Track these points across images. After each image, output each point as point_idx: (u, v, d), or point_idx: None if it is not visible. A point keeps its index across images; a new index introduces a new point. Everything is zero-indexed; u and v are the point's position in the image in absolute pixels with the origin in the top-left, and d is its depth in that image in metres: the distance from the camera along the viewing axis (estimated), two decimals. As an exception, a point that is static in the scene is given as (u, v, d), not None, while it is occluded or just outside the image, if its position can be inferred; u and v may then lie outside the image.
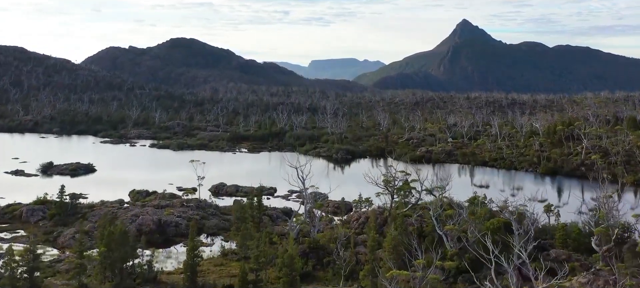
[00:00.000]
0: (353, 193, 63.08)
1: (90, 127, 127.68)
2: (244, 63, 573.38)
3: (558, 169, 78.23)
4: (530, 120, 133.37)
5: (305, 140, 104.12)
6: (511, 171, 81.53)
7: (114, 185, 67.04)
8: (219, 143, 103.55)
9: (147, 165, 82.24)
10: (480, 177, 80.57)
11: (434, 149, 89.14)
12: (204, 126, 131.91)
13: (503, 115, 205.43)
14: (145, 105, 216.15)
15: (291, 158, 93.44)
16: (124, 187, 64.76)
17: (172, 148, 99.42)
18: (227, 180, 68.83)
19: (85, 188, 64.96)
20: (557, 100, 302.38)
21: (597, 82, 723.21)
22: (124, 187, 64.76)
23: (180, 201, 52.29)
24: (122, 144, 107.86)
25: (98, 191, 63.29)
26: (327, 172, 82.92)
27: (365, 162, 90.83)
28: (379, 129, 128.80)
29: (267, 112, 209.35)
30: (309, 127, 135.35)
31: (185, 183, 65.81)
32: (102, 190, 63.72)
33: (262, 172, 77.86)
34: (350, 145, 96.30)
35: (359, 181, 70.40)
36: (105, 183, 68.82)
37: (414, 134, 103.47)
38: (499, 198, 49.84)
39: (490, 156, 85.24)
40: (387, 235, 37.98)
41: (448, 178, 49.17)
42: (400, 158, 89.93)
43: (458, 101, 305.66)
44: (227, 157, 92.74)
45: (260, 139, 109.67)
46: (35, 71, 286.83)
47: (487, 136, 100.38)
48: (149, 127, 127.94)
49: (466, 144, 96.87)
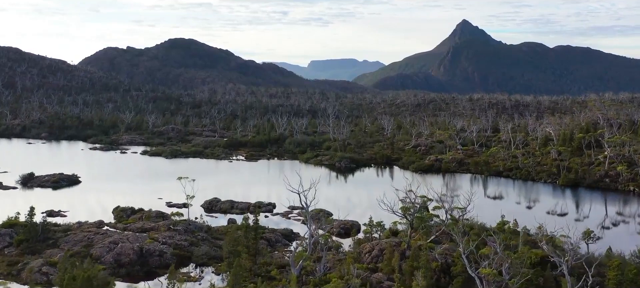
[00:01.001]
0: (359, 209, 57.55)
1: (80, 132, 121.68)
2: (242, 63, 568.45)
3: (579, 181, 72.41)
4: (542, 125, 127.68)
5: (306, 146, 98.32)
6: (528, 182, 75.69)
7: (98, 200, 61.30)
8: (215, 150, 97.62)
9: (136, 176, 76.30)
10: (495, 188, 74.93)
11: (444, 158, 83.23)
12: (200, 131, 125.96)
13: (509, 119, 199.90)
14: (141, 108, 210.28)
15: (291, 167, 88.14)
16: (108, 202, 59.03)
17: (164, 156, 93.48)
18: (221, 193, 63.05)
19: (67, 202, 59.32)
20: (561, 102, 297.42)
21: (598, 83, 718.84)
22: (108, 202, 59.03)
23: (167, 224, 46.34)
24: (112, 151, 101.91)
25: (80, 207, 57.60)
26: (329, 180, 77.20)
27: (370, 171, 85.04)
28: (383, 134, 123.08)
29: (266, 114, 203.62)
30: (310, 131, 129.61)
31: (175, 198, 60.12)
32: (84, 206, 58.00)
33: (259, 184, 72.11)
34: (354, 153, 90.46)
35: (363, 195, 65.05)
36: (89, 198, 63.00)
37: (421, 140, 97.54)
38: (531, 222, 44.08)
39: (505, 166, 79.37)
40: (405, 270, 32.23)
41: (470, 199, 43.21)
42: (408, 168, 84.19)
43: (460, 103, 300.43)
44: (222, 166, 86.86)
45: (258, 145, 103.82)
46: (30, 72, 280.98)
47: (499, 144, 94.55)
48: (141, 131, 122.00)
49: (477, 151, 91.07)
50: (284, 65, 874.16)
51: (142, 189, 67.30)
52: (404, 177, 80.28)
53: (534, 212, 58.58)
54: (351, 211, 55.61)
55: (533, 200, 69.04)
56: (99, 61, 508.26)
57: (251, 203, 58.11)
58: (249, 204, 57.74)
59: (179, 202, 58.09)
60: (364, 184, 74.53)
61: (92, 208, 57.38)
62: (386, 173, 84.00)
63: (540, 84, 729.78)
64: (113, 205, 56.91)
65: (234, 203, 58.14)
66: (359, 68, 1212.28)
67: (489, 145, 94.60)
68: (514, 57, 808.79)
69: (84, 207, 58.04)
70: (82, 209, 56.85)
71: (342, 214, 52.79)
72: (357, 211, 56.33)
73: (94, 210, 56.40)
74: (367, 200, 62.22)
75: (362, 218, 50.88)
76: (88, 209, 56.89)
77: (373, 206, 51.03)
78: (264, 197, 62.42)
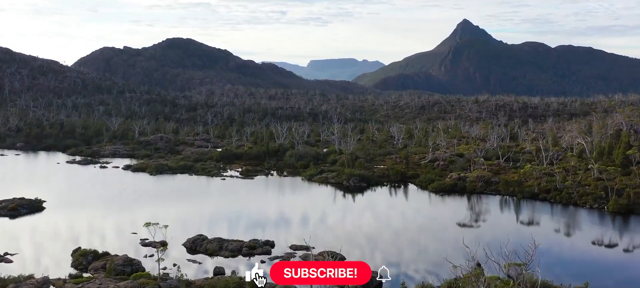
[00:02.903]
0: (387, 250, 46.38)
1: (59, 142, 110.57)
2: (241, 63, 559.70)
3: (633, 207, 61.50)
4: (570, 133, 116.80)
5: (309, 160, 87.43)
6: (569, 207, 64.73)
7: (57, 235, 50.47)
8: (206, 164, 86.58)
9: (112, 199, 65.24)
10: (529, 213, 64.17)
11: (469, 176, 72.26)
12: (192, 140, 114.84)
13: (523, 124, 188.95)
14: (134, 111, 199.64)
15: (293, 185, 77.31)
16: (70, 239, 48.30)
17: (149, 172, 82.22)
18: (208, 227, 52.23)
19: (18, 239, 48.52)
20: (569, 104, 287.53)
21: (601, 84, 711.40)
22: (70, 239, 48.30)
23: (132, 285, 35.35)
24: (92, 165, 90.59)
25: (32, 247, 46.81)
26: (336, 203, 66.40)
27: (384, 192, 74.08)
28: (394, 144, 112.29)
29: (265, 118, 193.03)
30: (313, 140, 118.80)
31: (154, 232, 49.26)
32: (38, 247, 47.16)
33: (256, 212, 61.20)
34: (363, 168, 79.56)
35: (385, 224, 53.44)
36: (48, 232, 52.09)
37: (439, 153, 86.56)
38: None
39: (540, 186, 68.42)
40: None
41: (533, 252, 32.25)
42: (426, 187, 73.31)
43: (466, 105, 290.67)
44: (214, 185, 75.79)
45: (255, 158, 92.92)
46: (20, 73, 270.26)
47: (523, 154, 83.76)
48: (127, 141, 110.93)
49: (503, 167, 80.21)
50: (284, 64, 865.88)
51: (115, 219, 56.37)
52: (423, 198, 69.63)
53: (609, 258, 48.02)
54: (380, 253, 44.94)
55: (572, 226, 58.58)
56: (95, 61, 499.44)
57: (244, 242, 47.23)
58: (241, 244, 46.86)
59: (156, 240, 47.20)
60: (382, 210, 63.49)
61: (49, 249, 46.53)
62: (402, 194, 73.14)
63: (543, 85, 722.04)
64: (75, 244, 46.16)
65: (223, 243, 47.19)
66: (358, 68, 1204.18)
67: (515, 159, 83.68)
68: (515, 57, 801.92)
69: (39, 247, 47.15)
70: (35, 250, 46.05)
71: (369, 259, 41.78)
72: (388, 253, 45.44)
73: (51, 251, 45.62)
74: (390, 235, 51.45)
75: (397, 265, 39.86)
76: (43, 250, 46.08)
77: (400, 245, 40.38)
78: (260, 230, 51.68)
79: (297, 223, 55.36)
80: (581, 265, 45.81)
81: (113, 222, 55.18)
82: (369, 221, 57.79)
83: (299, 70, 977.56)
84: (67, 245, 46.34)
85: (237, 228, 52.89)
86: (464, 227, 55.15)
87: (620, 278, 41.78)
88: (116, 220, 55.12)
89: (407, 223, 57.47)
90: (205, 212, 59.77)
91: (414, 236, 52.39)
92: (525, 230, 54.18)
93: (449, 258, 30.83)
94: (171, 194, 68.42)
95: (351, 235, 50.61)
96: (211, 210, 61.36)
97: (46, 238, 50.02)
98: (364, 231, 53.13)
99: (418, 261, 43.78)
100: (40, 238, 50.14)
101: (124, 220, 55.36)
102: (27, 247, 46.83)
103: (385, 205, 65.89)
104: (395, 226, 55.72)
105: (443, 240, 50.70)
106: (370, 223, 56.88)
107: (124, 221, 55.06)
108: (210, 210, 61.50)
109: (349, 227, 54.85)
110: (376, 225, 55.76)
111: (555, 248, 49.63)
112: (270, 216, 58.58)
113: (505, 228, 52.88)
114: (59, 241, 48.64)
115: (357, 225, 55.08)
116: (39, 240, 49.53)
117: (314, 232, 49.30)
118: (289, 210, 61.22)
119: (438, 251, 45.30)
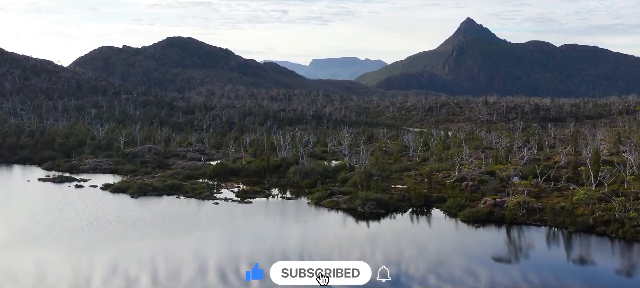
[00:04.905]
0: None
1: (36, 154, 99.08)
2: (243, 63, 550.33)
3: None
4: (600, 139, 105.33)
5: (316, 177, 75.97)
6: (634, 244, 53.16)
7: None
8: (197, 185, 74.95)
9: (78, 233, 53.56)
10: (582, 251, 52.84)
11: (509, 202, 60.62)
12: (184, 152, 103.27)
13: (543, 127, 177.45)
14: (128, 115, 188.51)
15: (297, 211, 65.35)
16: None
17: (130, 194, 70.46)
18: (186, 278, 40.86)
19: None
20: (582, 105, 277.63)
21: (607, 83, 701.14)
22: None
23: None
24: (66, 183, 78.93)
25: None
26: (351, 235, 54.82)
27: (405, 221, 62.51)
28: (409, 155, 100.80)
29: (267, 121, 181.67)
30: (319, 151, 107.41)
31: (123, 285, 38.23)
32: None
33: (252, 252, 49.43)
34: (379, 189, 68.10)
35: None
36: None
37: (466, 170, 74.91)
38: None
39: (596, 217, 56.84)
40: None
41: None
42: (456, 215, 61.75)
43: (476, 106, 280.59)
44: (204, 211, 64.03)
45: (254, 174, 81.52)
46: (11, 74, 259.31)
47: (570, 176, 72.17)
48: (112, 152, 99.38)
49: (544, 189, 68.69)
50: (286, 63, 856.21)
51: (72, 265, 44.84)
52: (456, 230, 58.01)
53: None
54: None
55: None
56: (93, 61, 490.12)
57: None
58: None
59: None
60: (412, 254, 51.69)
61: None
62: (428, 223, 61.59)
63: (548, 84, 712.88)
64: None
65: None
66: (360, 67, 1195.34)
67: (556, 177, 71.98)
68: (519, 56, 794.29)
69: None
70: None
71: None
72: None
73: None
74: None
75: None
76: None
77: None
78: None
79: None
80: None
81: (68, 268, 43.66)
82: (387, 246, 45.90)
83: (301, 69, 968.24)
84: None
85: (223, 280, 41.34)
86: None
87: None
88: (75, 269, 43.58)
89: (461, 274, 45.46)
90: (186, 253, 48.13)
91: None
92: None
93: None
94: (151, 225, 57.04)
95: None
96: (194, 249, 49.72)
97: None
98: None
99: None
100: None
101: (81, 265, 43.96)
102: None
103: (418, 247, 53.88)
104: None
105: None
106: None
107: (80, 266, 43.67)
108: (193, 248, 49.88)
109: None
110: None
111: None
112: (272, 249, 46.52)
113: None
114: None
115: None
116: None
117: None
118: (294, 249, 49.67)
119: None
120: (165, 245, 50.36)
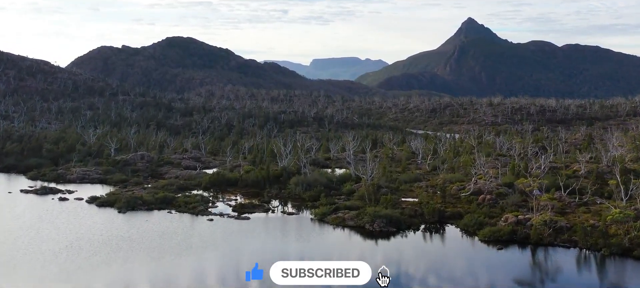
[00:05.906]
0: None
1: (21, 161, 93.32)
2: (243, 63, 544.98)
3: None
4: (617, 145, 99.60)
5: (319, 189, 70.27)
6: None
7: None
8: (191, 198, 69.10)
9: (54, 258, 47.78)
10: (617, 276, 47.21)
11: (534, 220, 54.81)
12: (179, 159, 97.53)
13: (552, 130, 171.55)
14: (124, 117, 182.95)
15: (300, 229, 59.29)
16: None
17: (117, 208, 64.72)
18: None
19: None
20: (588, 107, 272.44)
21: (609, 83, 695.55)
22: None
23: None
24: (50, 195, 73.10)
25: None
26: (360, 255, 49.15)
27: (417, 239, 56.78)
28: (417, 163, 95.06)
29: (267, 124, 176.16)
30: (322, 159, 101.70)
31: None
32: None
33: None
34: (389, 203, 62.39)
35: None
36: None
37: (482, 182, 69.09)
38: None
39: (633, 238, 51.09)
40: None
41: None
42: (475, 233, 56.00)
43: (480, 108, 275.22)
44: (197, 229, 58.22)
45: (253, 185, 75.84)
46: (6, 74, 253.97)
47: (596, 189, 66.44)
48: (102, 160, 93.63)
49: (570, 204, 62.99)
50: (286, 63, 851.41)
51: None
52: (477, 253, 52.25)
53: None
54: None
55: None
56: (92, 61, 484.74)
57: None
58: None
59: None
60: (433, 275, 45.99)
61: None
62: (442, 244, 55.83)
63: (550, 84, 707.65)
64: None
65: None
66: (361, 67, 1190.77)
67: (581, 190, 66.11)
68: (521, 56, 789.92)
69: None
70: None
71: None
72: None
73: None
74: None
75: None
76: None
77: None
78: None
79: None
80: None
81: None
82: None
83: (302, 69, 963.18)
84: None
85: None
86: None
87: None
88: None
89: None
90: (173, 280, 42.43)
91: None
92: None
93: None
94: (137, 246, 51.33)
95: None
96: (184, 274, 44.04)
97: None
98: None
99: None
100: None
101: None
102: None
103: (437, 273, 48.12)
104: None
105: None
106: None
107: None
108: (182, 273, 44.19)
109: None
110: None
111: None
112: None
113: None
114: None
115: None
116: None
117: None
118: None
119: None
120: (151, 271, 44.73)
